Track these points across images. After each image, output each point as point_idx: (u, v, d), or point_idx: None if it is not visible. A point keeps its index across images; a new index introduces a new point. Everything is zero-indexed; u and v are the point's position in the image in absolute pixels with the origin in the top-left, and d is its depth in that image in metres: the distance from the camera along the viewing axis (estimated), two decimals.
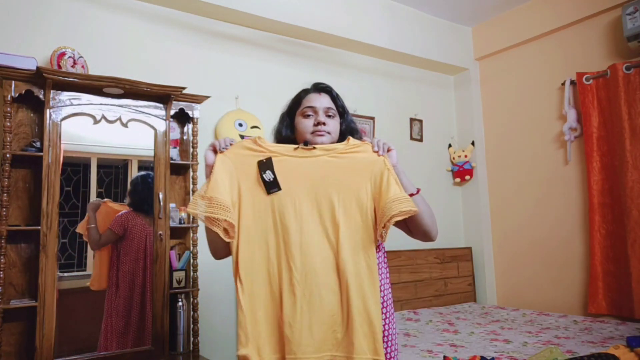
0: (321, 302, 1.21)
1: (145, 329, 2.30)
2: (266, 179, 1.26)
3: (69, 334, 2.15)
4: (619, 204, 2.98)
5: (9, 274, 2.11)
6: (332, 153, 1.30)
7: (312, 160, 1.30)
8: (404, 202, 1.22)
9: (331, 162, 1.30)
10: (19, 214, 2.19)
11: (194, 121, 2.58)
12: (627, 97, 2.93)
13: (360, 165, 1.30)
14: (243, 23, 3.01)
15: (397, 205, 1.21)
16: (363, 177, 1.28)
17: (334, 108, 1.41)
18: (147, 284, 2.34)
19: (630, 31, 2.86)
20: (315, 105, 1.38)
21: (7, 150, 2.04)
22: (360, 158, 1.31)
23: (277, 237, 1.24)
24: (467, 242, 3.96)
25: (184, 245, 2.61)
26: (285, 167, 1.28)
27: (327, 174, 1.28)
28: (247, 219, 1.25)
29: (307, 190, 1.26)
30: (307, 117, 1.39)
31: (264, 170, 1.26)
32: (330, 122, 1.38)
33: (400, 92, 3.80)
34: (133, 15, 2.69)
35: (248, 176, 1.27)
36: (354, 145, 1.32)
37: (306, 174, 1.28)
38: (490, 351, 2.26)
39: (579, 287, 3.25)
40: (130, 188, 2.43)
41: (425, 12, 3.74)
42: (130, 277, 2.33)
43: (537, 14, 3.53)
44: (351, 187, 1.27)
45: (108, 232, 2.31)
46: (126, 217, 2.36)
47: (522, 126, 3.70)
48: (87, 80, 2.17)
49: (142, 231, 2.36)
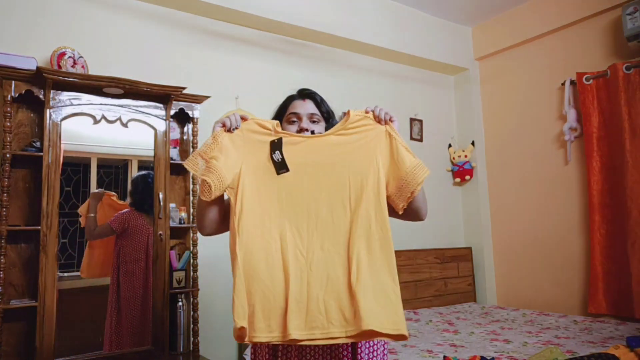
0: (330, 277, 1.17)
1: (146, 329, 2.30)
2: (275, 159, 1.24)
3: (69, 334, 2.15)
4: (619, 204, 2.98)
5: (9, 274, 2.12)
6: (338, 131, 1.29)
7: (321, 141, 1.28)
8: (422, 168, 1.22)
9: (339, 140, 1.28)
10: (19, 214, 2.19)
11: (194, 121, 2.58)
12: (627, 97, 2.93)
13: (366, 138, 1.28)
14: (243, 23, 3.01)
15: (419, 172, 1.21)
16: (371, 149, 1.26)
17: (318, 114, 1.42)
18: (149, 284, 2.33)
19: (630, 31, 2.86)
20: (299, 112, 1.40)
21: (7, 150, 2.04)
22: (365, 130, 1.28)
23: (283, 216, 1.21)
24: (467, 242, 3.96)
25: (184, 245, 2.61)
26: (296, 149, 1.27)
27: (335, 152, 1.26)
28: (249, 199, 1.22)
29: (317, 170, 1.25)
30: (291, 123, 1.40)
31: (274, 150, 1.25)
32: (315, 127, 1.39)
33: (400, 92, 3.80)
34: (133, 15, 2.69)
35: (255, 155, 1.26)
36: (357, 119, 1.29)
37: (316, 155, 1.27)
38: (490, 351, 2.26)
39: (579, 287, 3.25)
40: (132, 188, 2.43)
41: (425, 12, 3.74)
42: (131, 277, 2.32)
43: (537, 14, 3.53)
44: (361, 162, 1.25)
45: (106, 226, 2.30)
46: (127, 217, 2.36)
47: (522, 126, 3.70)
48: (87, 80, 2.17)
49: (143, 231, 2.36)
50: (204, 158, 1.23)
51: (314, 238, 1.21)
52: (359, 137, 1.28)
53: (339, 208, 1.23)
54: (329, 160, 1.26)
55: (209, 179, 1.19)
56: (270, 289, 1.16)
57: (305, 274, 1.18)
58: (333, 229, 1.22)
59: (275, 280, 1.17)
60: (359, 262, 1.18)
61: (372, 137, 1.27)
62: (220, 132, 1.26)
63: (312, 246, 1.20)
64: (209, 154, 1.23)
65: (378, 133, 1.28)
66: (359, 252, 1.19)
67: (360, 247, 1.19)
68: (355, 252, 1.19)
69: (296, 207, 1.22)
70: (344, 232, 1.22)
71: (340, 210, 1.23)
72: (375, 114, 1.29)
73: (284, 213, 1.22)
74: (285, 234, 1.20)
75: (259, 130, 1.29)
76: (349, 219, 1.22)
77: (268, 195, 1.23)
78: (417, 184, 1.20)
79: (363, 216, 1.21)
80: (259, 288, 1.16)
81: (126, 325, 2.29)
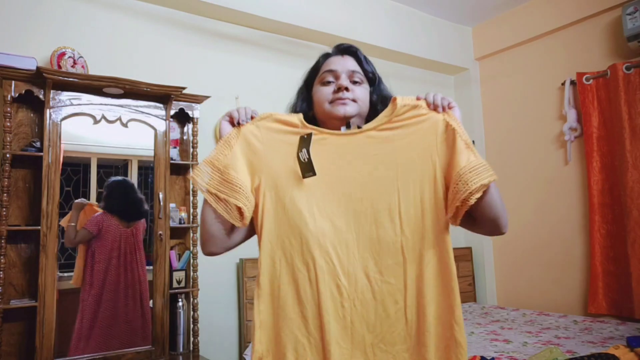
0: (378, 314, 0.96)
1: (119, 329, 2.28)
2: (302, 158, 0.98)
3: (69, 334, 2.15)
4: (619, 204, 2.98)
5: (9, 274, 2.11)
6: (382, 125, 1.03)
7: (360, 138, 1.02)
8: (482, 172, 0.93)
9: (383, 136, 1.02)
10: (19, 214, 2.19)
11: (194, 121, 2.58)
12: (627, 97, 2.93)
13: (419, 133, 1.01)
14: (243, 23, 3.01)
15: (474, 177, 0.92)
16: (425, 147, 1.00)
17: (361, 72, 1.13)
18: (121, 283, 2.32)
19: (630, 31, 2.86)
20: (336, 69, 1.10)
21: (7, 150, 2.04)
22: (416, 122, 1.01)
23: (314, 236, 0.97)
24: (467, 242, 3.96)
25: (184, 245, 2.61)
26: (329, 148, 1.01)
27: (379, 152, 1.01)
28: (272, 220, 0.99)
29: (357, 175, 1.00)
30: (326, 84, 1.10)
31: (301, 149, 0.99)
32: (356, 89, 1.09)
33: (400, 92, 3.78)
34: (133, 15, 2.68)
35: (278, 162, 1.01)
36: (406, 109, 1.02)
37: (355, 156, 1.01)
38: (490, 351, 2.26)
39: (579, 287, 3.25)
40: (105, 192, 2.40)
41: (426, 12, 3.74)
42: (102, 276, 2.29)
43: (538, 13, 3.53)
44: (413, 164, 0.99)
45: (83, 230, 2.29)
46: (101, 218, 2.33)
47: (522, 126, 3.70)
48: (87, 80, 2.17)
49: (116, 232, 2.35)
50: (216, 167, 0.98)
51: (356, 262, 0.97)
52: (408, 131, 1.01)
53: (386, 223, 0.98)
54: (371, 162, 1.01)
55: (239, 201, 0.96)
56: (304, 332, 0.95)
57: (348, 311, 0.95)
58: (381, 250, 0.97)
59: (309, 321, 0.95)
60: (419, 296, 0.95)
61: (426, 131, 1.00)
62: (234, 133, 1.01)
63: (354, 273, 0.96)
64: (222, 161, 0.98)
65: (434, 124, 1.00)
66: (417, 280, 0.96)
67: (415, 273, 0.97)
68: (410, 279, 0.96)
69: (331, 223, 0.98)
70: (393, 253, 0.97)
71: (388, 225, 0.98)
72: (428, 100, 1.03)
73: (316, 231, 0.97)
74: (319, 260, 0.96)
75: (281, 129, 1.03)
76: (400, 238, 0.97)
77: (297, 212, 0.98)
78: (468, 191, 0.92)
79: (417, 233, 0.98)
80: (289, 331, 0.95)
81: (100, 325, 2.24)
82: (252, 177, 1.00)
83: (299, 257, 0.96)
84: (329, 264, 0.95)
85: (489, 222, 1.01)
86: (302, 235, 0.97)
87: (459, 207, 0.94)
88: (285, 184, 0.99)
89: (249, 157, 1.00)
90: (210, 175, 0.98)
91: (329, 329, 0.93)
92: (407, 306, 0.96)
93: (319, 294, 0.94)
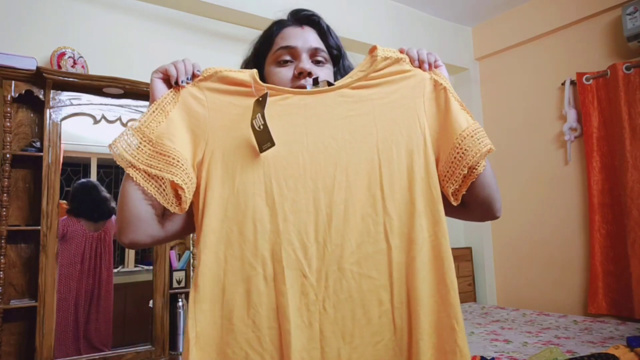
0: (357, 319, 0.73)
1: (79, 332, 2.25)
2: (256, 126, 0.77)
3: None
4: (619, 204, 2.98)
5: (9, 274, 2.11)
6: (358, 81, 0.84)
7: (330, 97, 0.82)
8: (484, 137, 0.78)
9: (359, 94, 0.82)
10: (19, 214, 2.19)
11: None
12: (627, 97, 2.93)
13: (402, 91, 0.83)
14: (243, 23, 3.00)
15: (482, 138, 0.77)
16: (411, 107, 0.82)
17: (324, 49, 0.93)
18: (83, 288, 2.28)
19: (630, 31, 2.86)
20: (295, 45, 0.89)
21: (7, 150, 2.04)
22: (400, 79, 0.85)
23: (274, 221, 0.75)
24: (467, 242, 3.96)
25: (184, 245, 2.61)
26: (291, 111, 0.80)
27: (355, 114, 0.81)
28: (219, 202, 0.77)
29: (327, 143, 0.79)
30: (282, 64, 0.89)
31: (256, 114, 0.77)
32: (319, 72, 0.88)
33: None
34: (133, 15, 2.68)
35: (227, 129, 0.79)
36: (387, 63, 0.85)
37: (325, 120, 0.81)
38: (490, 351, 2.26)
39: (579, 287, 3.25)
40: (71, 195, 2.37)
41: (426, 12, 3.74)
42: (68, 280, 2.27)
43: (537, 14, 3.53)
44: (397, 128, 0.81)
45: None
46: (65, 223, 2.28)
47: (522, 126, 3.70)
48: (87, 80, 2.17)
49: (81, 235, 2.32)
50: (147, 136, 0.77)
51: (326, 252, 0.74)
52: (389, 89, 0.83)
53: (365, 200, 0.77)
54: (344, 126, 0.80)
55: (177, 177, 0.74)
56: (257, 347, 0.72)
57: (315, 316, 0.72)
58: (358, 235, 0.76)
59: (263, 332, 0.72)
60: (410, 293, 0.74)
61: (412, 89, 0.84)
62: (170, 96, 0.79)
63: (325, 266, 0.74)
64: (155, 130, 0.77)
65: (420, 82, 0.84)
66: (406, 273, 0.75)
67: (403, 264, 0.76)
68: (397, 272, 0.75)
69: (295, 204, 0.76)
70: (374, 238, 0.76)
71: (368, 203, 0.77)
72: (412, 55, 0.87)
73: (275, 216, 0.76)
74: (278, 251, 0.74)
75: (229, 90, 0.81)
76: (382, 218, 0.76)
77: (249, 191, 0.76)
78: (480, 154, 0.76)
79: (404, 211, 0.77)
80: (238, 347, 0.72)
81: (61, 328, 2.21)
82: (193, 150, 0.78)
83: (250, 250, 0.74)
84: (291, 255, 0.73)
85: (482, 205, 0.86)
86: (255, 222, 0.75)
87: (466, 176, 0.78)
88: (235, 157, 0.78)
89: (189, 126, 0.79)
90: (138, 147, 0.77)
91: (289, 341, 0.70)
92: (395, 308, 0.74)
93: (277, 294, 0.72)
